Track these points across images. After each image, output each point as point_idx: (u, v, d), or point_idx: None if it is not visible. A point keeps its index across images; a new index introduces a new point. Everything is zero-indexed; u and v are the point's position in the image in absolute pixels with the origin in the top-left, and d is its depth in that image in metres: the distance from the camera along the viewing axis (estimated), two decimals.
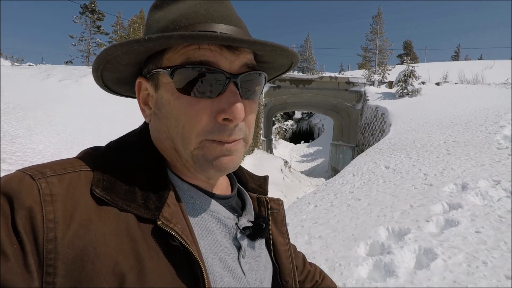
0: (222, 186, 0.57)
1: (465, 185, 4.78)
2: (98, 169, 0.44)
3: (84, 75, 16.97)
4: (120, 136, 0.53)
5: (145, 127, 0.54)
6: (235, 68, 0.46)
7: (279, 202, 0.66)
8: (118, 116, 12.66)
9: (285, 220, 0.67)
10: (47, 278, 0.36)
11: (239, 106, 0.45)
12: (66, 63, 30.70)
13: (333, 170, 23.07)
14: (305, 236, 3.98)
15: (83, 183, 0.42)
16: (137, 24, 35.54)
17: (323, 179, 18.87)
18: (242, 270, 0.51)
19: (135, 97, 0.60)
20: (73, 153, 9.17)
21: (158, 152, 0.51)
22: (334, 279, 2.81)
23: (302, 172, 22.97)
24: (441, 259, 2.92)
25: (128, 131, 0.55)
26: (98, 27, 31.72)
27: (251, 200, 0.62)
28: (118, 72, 0.50)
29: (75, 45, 31.41)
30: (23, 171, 0.40)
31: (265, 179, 0.67)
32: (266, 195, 0.64)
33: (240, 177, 0.65)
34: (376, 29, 32.73)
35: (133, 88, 0.54)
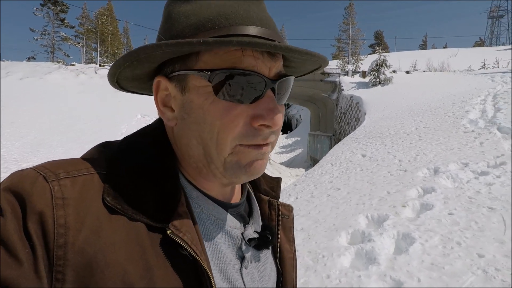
0: (234, 191, 0.56)
1: (437, 169, 4.99)
2: (110, 173, 0.44)
3: (49, 72, 16.01)
4: (133, 134, 0.51)
5: (159, 126, 0.52)
6: (272, 74, 0.46)
7: (289, 209, 0.65)
8: (90, 114, 12.09)
9: (293, 227, 0.67)
10: (56, 284, 0.35)
11: (278, 112, 0.45)
12: (29, 59, 28.79)
13: (312, 160, 23.47)
14: None
15: (96, 187, 0.41)
16: (105, 17, 33.91)
17: (303, 169, 19.15)
18: (243, 282, 0.50)
19: (140, 93, 0.58)
20: (40, 156, 8.68)
21: (172, 155, 0.50)
22: (318, 271, 2.86)
23: (281, 163, 23.19)
24: (419, 242, 3.03)
25: (142, 127, 0.53)
26: (62, 20, 29.89)
27: (262, 204, 0.61)
28: (139, 69, 0.48)
29: (37, 39, 29.48)
30: (37, 170, 0.40)
31: (277, 181, 0.65)
32: (278, 199, 0.63)
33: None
34: (349, 19, 33.30)
35: (142, 84, 0.53)
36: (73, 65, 19.30)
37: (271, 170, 16.99)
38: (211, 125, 0.44)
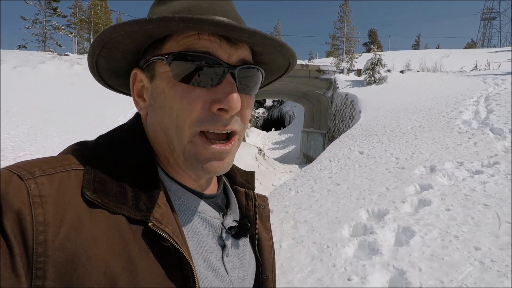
0: (210, 183, 0.58)
1: (433, 167, 5.16)
2: (88, 168, 0.43)
3: (42, 62, 15.71)
4: (109, 130, 0.52)
5: (135, 121, 0.53)
6: (233, 61, 0.46)
7: (264, 199, 0.68)
8: (84, 106, 11.95)
9: (269, 216, 0.69)
10: (37, 281, 0.35)
11: (235, 96, 0.45)
12: (19, 47, 28.10)
13: (304, 157, 23.67)
14: (290, 221, 4.11)
15: (74, 184, 0.41)
16: (98, 7, 33.24)
17: (296, 166, 19.32)
18: (225, 269, 0.52)
19: (127, 94, 0.59)
20: (36, 145, 8.58)
21: (149, 148, 0.50)
22: (324, 260, 2.98)
23: (275, 159, 23.32)
24: (419, 235, 3.18)
25: (118, 125, 0.53)
26: (54, 9, 29.16)
27: (239, 195, 0.63)
28: (114, 61, 0.49)
29: (28, 27, 28.72)
30: (10, 169, 0.39)
31: (252, 174, 0.68)
32: (253, 190, 0.66)
33: (228, 171, 0.65)
34: (344, 17, 33.45)
35: (127, 81, 0.53)
36: (67, 55, 18.97)
37: (265, 166, 17.09)
38: (171, 109, 0.45)
